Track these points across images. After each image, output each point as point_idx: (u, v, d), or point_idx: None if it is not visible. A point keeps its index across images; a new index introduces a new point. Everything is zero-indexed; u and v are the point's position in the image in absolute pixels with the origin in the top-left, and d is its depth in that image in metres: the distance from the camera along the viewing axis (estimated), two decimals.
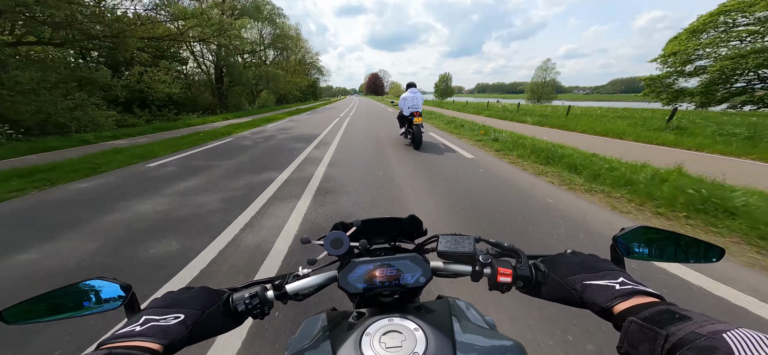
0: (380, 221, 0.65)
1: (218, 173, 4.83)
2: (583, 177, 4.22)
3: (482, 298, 1.78)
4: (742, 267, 2.16)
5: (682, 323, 0.31)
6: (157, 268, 2.18)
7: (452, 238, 0.57)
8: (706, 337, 0.28)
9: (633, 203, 3.33)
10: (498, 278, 0.50)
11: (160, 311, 0.42)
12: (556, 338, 1.51)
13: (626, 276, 0.43)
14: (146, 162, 5.70)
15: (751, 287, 1.91)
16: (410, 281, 0.52)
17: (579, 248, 0.83)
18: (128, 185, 4.28)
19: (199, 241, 2.56)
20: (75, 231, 2.79)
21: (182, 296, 0.46)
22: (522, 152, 5.80)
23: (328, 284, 0.56)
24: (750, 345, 0.27)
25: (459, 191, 3.79)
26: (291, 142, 8.06)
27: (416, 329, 0.44)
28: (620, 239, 0.51)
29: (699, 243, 0.49)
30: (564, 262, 0.49)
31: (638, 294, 0.39)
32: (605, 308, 0.40)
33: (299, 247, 2.42)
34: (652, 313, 0.34)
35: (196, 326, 0.43)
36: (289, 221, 2.94)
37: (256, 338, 1.54)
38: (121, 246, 2.50)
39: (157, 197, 3.71)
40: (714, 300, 1.81)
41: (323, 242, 0.51)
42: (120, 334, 0.38)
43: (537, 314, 1.65)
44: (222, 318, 0.47)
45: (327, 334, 0.48)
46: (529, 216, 3.02)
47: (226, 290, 0.51)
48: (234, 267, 2.20)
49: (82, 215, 3.18)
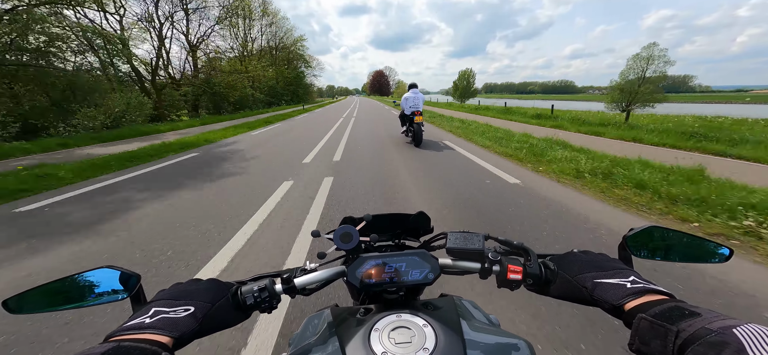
0: (389, 217, 0.65)
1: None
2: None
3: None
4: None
5: (692, 319, 0.32)
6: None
7: (461, 235, 0.56)
8: (717, 332, 0.29)
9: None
10: (508, 276, 0.50)
11: (169, 303, 0.42)
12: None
13: (637, 275, 0.43)
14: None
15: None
16: (418, 277, 0.52)
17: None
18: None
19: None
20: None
21: (191, 288, 0.46)
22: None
23: (336, 278, 0.56)
24: (760, 340, 0.27)
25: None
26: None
27: (425, 326, 0.44)
28: (629, 239, 0.51)
29: (707, 243, 0.50)
30: (573, 260, 0.49)
31: (649, 293, 0.39)
32: (616, 305, 0.40)
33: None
34: (662, 310, 0.35)
35: (206, 318, 0.42)
36: None
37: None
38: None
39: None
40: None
41: (333, 235, 0.51)
42: (129, 326, 0.37)
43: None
44: (231, 311, 0.47)
45: (333, 330, 0.48)
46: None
47: (234, 283, 0.51)
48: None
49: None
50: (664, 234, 0.52)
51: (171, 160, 6.33)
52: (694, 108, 32.95)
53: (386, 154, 6.55)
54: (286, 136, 9.85)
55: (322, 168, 5.35)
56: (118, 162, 5.87)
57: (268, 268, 2.30)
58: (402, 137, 8.53)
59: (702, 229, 2.88)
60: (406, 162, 5.73)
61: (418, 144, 7.24)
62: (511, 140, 7.28)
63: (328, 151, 7.05)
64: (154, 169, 5.55)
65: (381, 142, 8.08)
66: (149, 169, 5.55)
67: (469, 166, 5.39)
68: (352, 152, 6.79)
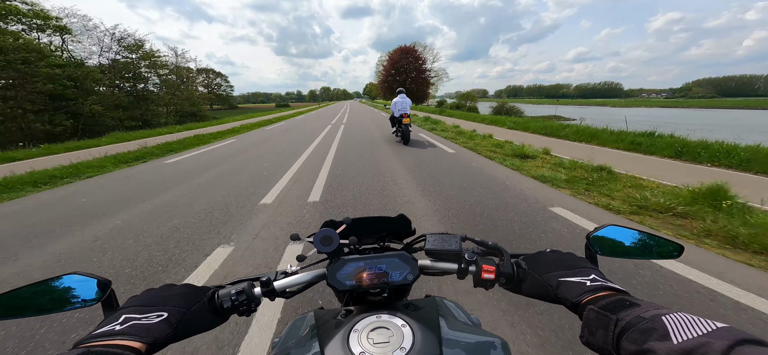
0: (370, 220, 0.66)
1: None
2: None
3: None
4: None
5: (631, 309, 0.35)
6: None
7: (439, 236, 0.58)
8: (648, 320, 0.33)
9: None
10: (482, 275, 0.52)
11: (141, 310, 0.41)
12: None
13: (598, 273, 0.46)
14: None
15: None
16: (398, 278, 0.54)
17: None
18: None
19: None
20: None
21: (164, 294, 0.45)
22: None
23: (318, 281, 0.57)
24: (683, 325, 0.31)
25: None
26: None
27: (403, 326, 0.45)
28: (592, 238, 0.53)
29: (661, 240, 0.53)
30: (543, 260, 0.52)
31: (604, 290, 0.42)
32: (575, 302, 0.43)
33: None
34: (608, 302, 0.38)
35: (181, 324, 0.42)
36: None
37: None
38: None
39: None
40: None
41: (313, 238, 0.53)
42: (99, 333, 0.37)
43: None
44: (207, 315, 0.46)
45: (315, 332, 0.49)
46: None
47: (211, 287, 0.50)
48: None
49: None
50: (622, 233, 0.54)
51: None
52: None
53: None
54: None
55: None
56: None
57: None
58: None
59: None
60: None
61: (407, 143, 8.26)
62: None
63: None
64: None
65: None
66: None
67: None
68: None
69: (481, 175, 5.06)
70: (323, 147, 8.37)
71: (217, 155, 7.82)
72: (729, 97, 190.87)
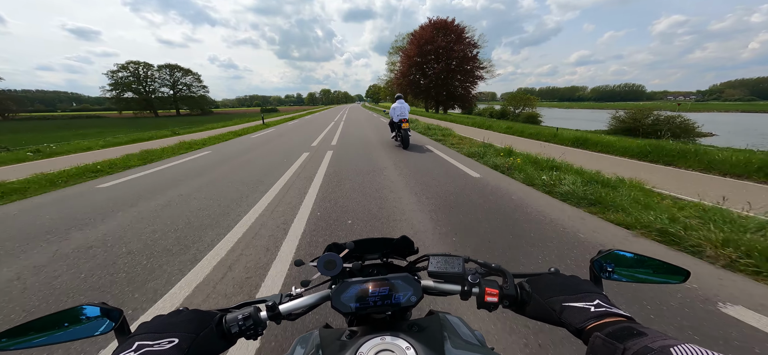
0: (372, 241, 0.66)
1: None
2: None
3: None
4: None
5: (638, 338, 0.35)
6: None
7: (442, 258, 0.58)
8: (656, 351, 0.32)
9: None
10: (486, 298, 0.52)
11: (153, 337, 0.42)
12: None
13: (602, 298, 0.46)
14: None
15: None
16: (402, 300, 0.54)
17: None
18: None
19: None
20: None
21: (174, 320, 0.46)
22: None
23: (321, 303, 0.57)
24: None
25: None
26: None
27: (408, 348, 0.46)
28: (596, 262, 0.52)
29: (665, 266, 0.53)
30: (547, 283, 0.52)
31: (610, 316, 0.42)
32: (579, 328, 0.42)
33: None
34: (615, 329, 0.37)
35: (191, 349, 0.43)
36: None
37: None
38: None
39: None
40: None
41: (317, 263, 0.54)
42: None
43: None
44: (215, 340, 0.47)
45: (320, 352, 0.49)
46: None
47: (217, 311, 0.51)
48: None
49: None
50: (625, 257, 0.53)
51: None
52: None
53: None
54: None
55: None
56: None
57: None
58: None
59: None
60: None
61: (406, 147, 8.47)
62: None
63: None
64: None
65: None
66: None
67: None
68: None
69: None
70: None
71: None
72: (765, 100, 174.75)
